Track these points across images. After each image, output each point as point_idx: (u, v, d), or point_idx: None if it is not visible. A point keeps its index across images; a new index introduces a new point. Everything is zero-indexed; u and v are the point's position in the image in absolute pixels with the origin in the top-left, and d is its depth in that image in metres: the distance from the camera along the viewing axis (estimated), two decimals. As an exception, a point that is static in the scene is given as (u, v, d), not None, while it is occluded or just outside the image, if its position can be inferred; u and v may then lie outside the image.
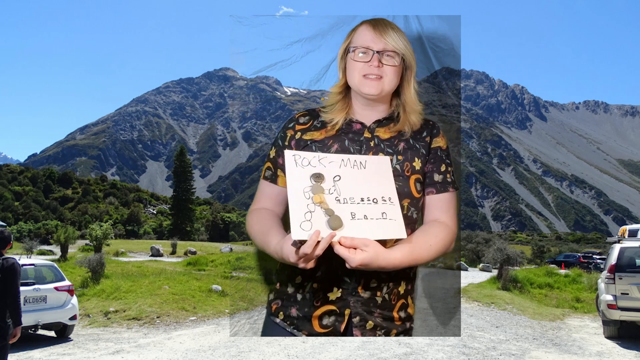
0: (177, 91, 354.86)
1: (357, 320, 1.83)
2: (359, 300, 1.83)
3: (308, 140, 1.91)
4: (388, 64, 1.85)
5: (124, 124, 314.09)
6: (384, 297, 1.86)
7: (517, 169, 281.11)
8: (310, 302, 1.85)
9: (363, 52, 1.85)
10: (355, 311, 1.83)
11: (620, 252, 8.68)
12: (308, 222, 1.62)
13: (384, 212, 1.70)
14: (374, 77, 1.84)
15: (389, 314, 1.87)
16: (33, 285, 7.45)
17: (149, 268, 15.47)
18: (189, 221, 63.87)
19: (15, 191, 75.21)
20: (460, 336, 8.26)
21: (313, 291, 1.85)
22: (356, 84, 1.87)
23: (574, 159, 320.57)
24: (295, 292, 1.88)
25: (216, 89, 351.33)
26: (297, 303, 1.88)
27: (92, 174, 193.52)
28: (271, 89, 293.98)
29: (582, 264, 29.08)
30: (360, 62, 1.85)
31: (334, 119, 1.92)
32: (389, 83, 1.86)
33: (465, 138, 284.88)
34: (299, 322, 1.86)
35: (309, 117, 1.98)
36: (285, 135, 1.96)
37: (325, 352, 6.84)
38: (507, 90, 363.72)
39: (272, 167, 1.98)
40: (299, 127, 1.95)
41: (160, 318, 9.47)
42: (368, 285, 1.83)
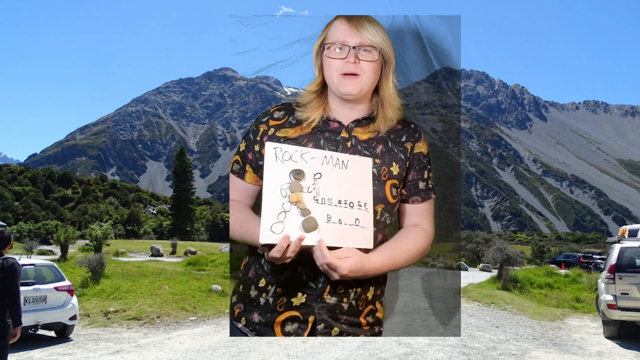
0: (177, 91, 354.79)
1: (321, 327, 1.76)
2: (324, 306, 1.76)
3: (281, 138, 1.82)
4: (365, 59, 1.75)
5: (124, 124, 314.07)
6: (351, 303, 1.78)
7: (517, 169, 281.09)
8: (273, 307, 1.77)
9: (339, 48, 1.76)
10: (320, 318, 1.76)
11: (620, 252, 8.68)
12: (280, 224, 1.55)
13: (358, 218, 1.64)
14: (352, 76, 1.75)
15: (356, 319, 1.80)
16: (33, 285, 7.45)
17: (149, 268, 15.47)
18: (189, 221, 63.86)
19: (15, 191, 75.20)
20: (460, 336, 8.26)
21: (276, 296, 1.77)
22: (334, 83, 1.78)
23: (574, 159, 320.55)
24: (258, 296, 1.80)
25: (216, 89, 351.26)
26: (259, 308, 1.80)
27: (92, 174, 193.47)
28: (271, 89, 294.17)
29: (582, 264, 29.08)
30: (337, 59, 1.76)
31: (309, 117, 1.83)
32: (368, 80, 1.77)
33: (465, 138, 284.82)
34: (260, 328, 1.79)
35: (284, 112, 1.88)
36: (258, 130, 1.87)
37: (325, 352, 6.84)
38: (507, 90, 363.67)
39: (240, 162, 1.92)
40: (273, 123, 1.86)
41: (160, 318, 9.47)
42: (335, 291, 1.76)
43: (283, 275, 1.76)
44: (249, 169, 1.91)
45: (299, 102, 1.89)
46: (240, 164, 1.92)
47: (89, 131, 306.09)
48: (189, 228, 62.40)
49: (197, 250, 30.71)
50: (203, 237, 58.67)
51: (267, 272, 1.79)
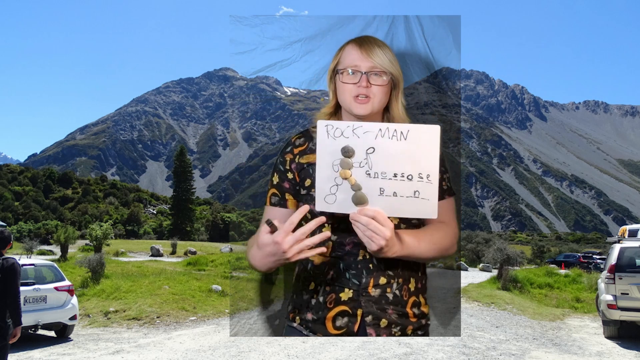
0: (177, 91, 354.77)
1: (369, 319, 1.85)
2: (369, 299, 1.85)
3: (305, 164, 1.92)
4: (376, 83, 1.86)
5: (124, 124, 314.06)
6: (395, 293, 1.88)
7: (517, 169, 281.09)
8: (324, 304, 1.88)
9: (351, 73, 1.87)
10: (367, 310, 1.85)
11: (620, 252, 8.68)
12: (332, 196, 1.60)
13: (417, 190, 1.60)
14: (364, 98, 1.85)
15: (403, 309, 1.89)
16: (33, 285, 7.45)
17: (149, 268, 15.47)
18: (189, 221, 63.87)
19: (15, 191, 75.22)
20: (460, 336, 8.26)
21: (326, 294, 1.88)
22: (347, 105, 1.89)
23: (574, 159, 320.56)
24: (310, 298, 1.92)
25: (216, 89, 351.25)
26: (311, 308, 1.91)
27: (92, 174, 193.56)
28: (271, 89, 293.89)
29: (582, 264, 29.08)
30: (349, 84, 1.86)
31: None
32: (379, 102, 1.87)
33: (465, 138, 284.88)
34: (313, 325, 1.90)
35: (304, 139, 1.98)
36: (285, 160, 1.97)
37: (325, 352, 6.84)
38: (507, 90, 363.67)
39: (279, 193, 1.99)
40: (296, 151, 1.97)
41: (160, 318, 9.47)
42: (377, 284, 1.86)
43: (329, 275, 1.88)
44: (289, 197, 1.99)
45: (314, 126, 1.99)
46: (279, 195, 2.00)
47: (89, 131, 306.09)
48: (189, 228, 62.42)
49: (197, 250, 30.71)
50: (203, 237, 58.69)
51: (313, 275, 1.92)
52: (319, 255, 1.87)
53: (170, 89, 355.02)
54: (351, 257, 1.86)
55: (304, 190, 1.92)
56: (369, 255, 1.86)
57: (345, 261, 1.86)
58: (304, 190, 1.92)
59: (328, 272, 1.88)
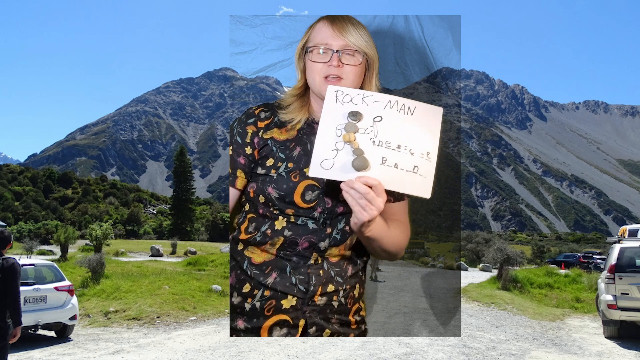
0: (177, 91, 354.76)
1: (313, 331, 1.73)
2: (314, 309, 1.73)
3: (268, 140, 1.78)
4: (349, 63, 1.72)
5: (124, 124, 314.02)
6: (340, 300, 1.78)
7: (517, 169, 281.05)
8: (260, 311, 1.71)
9: (322, 51, 1.73)
10: (312, 321, 1.73)
11: (620, 252, 8.68)
12: (330, 161, 1.55)
13: (417, 166, 1.60)
14: (335, 79, 1.72)
15: (345, 318, 1.80)
16: (33, 285, 7.45)
17: (149, 268, 15.47)
18: (189, 221, 63.85)
19: (15, 191, 75.19)
20: (460, 336, 8.26)
21: (264, 300, 1.71)
22: (317, 86, 1.75)
23: (574, 159, 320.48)
24: (242, 302, 1.74)
25: (216, 89, 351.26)
26: (244, 314, 1.73)
27: (92, 174, 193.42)
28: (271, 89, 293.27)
29: (582, 264, 29.08)
30: (320, 63, 1.73)
31: (293, 118, 1.80)
32: (351, 84, 1.73)
33: (465, 138, 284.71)
34: (245, 334, 1.72)
35: (269, 112, 1.83)
36: (246, 132, 1.81)
37: (325, 352, 6.84)
38: (507, 90, 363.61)
39: (232, 169, 1.84)
40: (261, 124, 1.81)
41: (160, 318, 9.47)
42: (325, 292, 1.74)
43: (270, 278, 1.72)
44: (240, 175, 1.82)
45: (280, 104, 1.86)
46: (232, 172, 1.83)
47: (89, 131, 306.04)
48: (189, 228, 62.40)
49: (197, 250, 30.71)
50: (203, 237, 58.67)
51: (251, 276, 1.73)
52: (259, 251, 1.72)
53: (170, 89, 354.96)
54: (302, 259, 1.71)
55: (262, 169, 1.77)
56: (321, 259, 1.74)
57: (294, 264, 1.71)
58: (263, 170, 1.76)
59: (270, 274, 1.71)
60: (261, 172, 1.76)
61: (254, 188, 1.77)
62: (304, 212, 1.71)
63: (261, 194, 1.74)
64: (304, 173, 1.73)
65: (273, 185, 1.72)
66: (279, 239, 1.71)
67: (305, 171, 1.73)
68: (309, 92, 1.85)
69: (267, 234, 1.73)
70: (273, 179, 1.73)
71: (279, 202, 1.70)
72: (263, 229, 1.74)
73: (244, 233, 1.78)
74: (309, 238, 1.72)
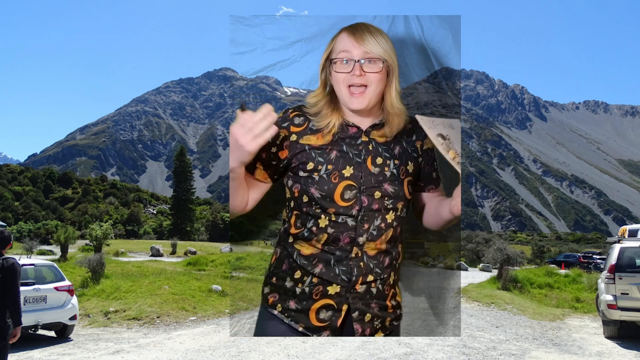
0: (177, 91, 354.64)
1: (356, 315, 1.92)
2: (356, 295, 1.91)
3: (305, 145, 1.92)
4: (371, 71, 1.85)
5: (124, 124, 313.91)
6: (378, 287, 1.96)
7: (517, 169, 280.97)
8: (309, 295, 1.91)
9: (345, 62, 1.86)
10: (354, 307, 1.92)
11: (620, 252, 8.67)
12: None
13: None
14: (359, 90, 1.85)
15: (383, 303, 1.99)
16: (33, 285, 7.45)
17: (149, 268, 15.47)
18: (189, 221, 63.83)
19: (15, 191, 75.17)
20: (460, 336, 8.26)
21: (312, 285, 1.91)
22: (343, 98, 1.89)
23: (574, 159, 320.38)
24: (294, 286, 1.93)
25: (216, 89, 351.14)
26: (295, 296, 1.93)
27: (92, 174, 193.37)
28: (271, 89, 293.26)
29: (582, 264, 29.07)
30: (343, 73, 1.86)
31: (330, 122, 1.93)
32: (375, 90, 1.87)
33: (465, 138, 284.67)
34: (296, 315, 1.92)
35: (303, 118, 1.96)
36: (278, 135, 1.92)
37: (325, 352, 6.84)
38: (507, 90, 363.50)
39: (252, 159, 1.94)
40: (294, 129, 1.94)
41: (160, 318, 9.47)
42: (365, 281, 1.92)
43: (317, 268, 1.91)
44: (260, 166, 1.98)
45: (309, 111, 1.98)
46: (251, 162, 1.95)
47: (89, 131, 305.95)
48: (189, 228, 62.38)
49: (197, 250, 30.70)
50: (203, 237, 58.66)
51: (301, 265, 1.93)
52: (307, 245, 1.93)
53: (170, 89, 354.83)
54: (344, 253, 1.89)
55: (304, 172, 1.92)
56: (361, 253, 1.91)
57: (337, 257, 1.89)
58: (305, 173, 1.91)
59: (317, 265, 1.90)
60: (303, 175, 1.92)
61: (298, 188, 1.93)
62: (344, 210, 1.88)
63: (305, 194, 1.91)
64: (342, 174, 1.89)
65: (315, 186, 1.88)
66: (323, 235, 1.89)
67: (344, 172, 1.89)
68: (336, 97, 1.96)
69: (313, 231, 1.90)
70: (315, 180, 1.89)
71: (321, 201, 1.87)
72: (309, 226, 1.91)
73: (294, 227, 1.95)
74: (349, 234, 1.89)
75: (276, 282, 1.98)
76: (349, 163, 1.90)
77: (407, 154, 2.01)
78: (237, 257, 13.07)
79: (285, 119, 1.96)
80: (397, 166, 1.95)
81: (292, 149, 1.93)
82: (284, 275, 1.96)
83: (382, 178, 1.92)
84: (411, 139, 2.03)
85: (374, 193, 1.88)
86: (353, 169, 1.89)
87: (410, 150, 2.02)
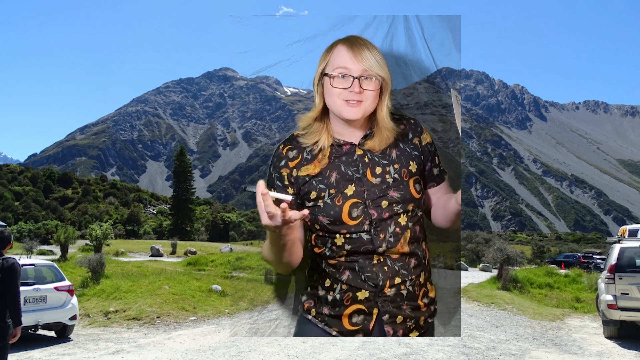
0: (177, 91, 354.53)
1: (387, 318, 1.94)
2: (386, 299, 1.93)
3: (306, 177, 1.94)
4: (368, 88, 1.85)
5: (124, 124, 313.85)
6: (408, 289, 1.97)
7: (517, 169, 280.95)
8: (340, 301, 1.95)
9: (342, 77, 1.85)
10: (384, 310, 1.94)
11: (620, 252, 8.67)
12: None
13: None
14: (355, 103, 1.85)
15: (415, 303, 1.99)
16: (33, 285, 7.45)
17: (149, 268, 15.47)
18: (189, 221, 63.82)
19: (15, 191, 75.16)
20: (460, 336, 8.26)
21: (343, 292, 1.95)
22: (337, 108, 1.88)
23: (574, 159, 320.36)
24: (326, 294, 1.98)
25: (216, 89, 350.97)
26: (328, 303, 1.97)
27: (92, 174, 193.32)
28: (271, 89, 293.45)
29: (582, 264, 29.06)
30: (340, 89, 1.85)
31: (318, 141, 1.94)
32: (370, 106, 1.88)
33: (465, 138, 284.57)
34: (330, 320, 1.97)
35: (296, 150, 1.97)
36: (282, 176, 1.95)
37: (325, 352, 6.84)
38: (507, 90, 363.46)
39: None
40: (292, 164, 1.96)
41: (160, 318, 9.47)
42: (393, 284, 1.94)
43: (345, 275, 1.95)
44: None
45: (298, 133, 2.00)
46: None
47: (89, 131, 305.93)
48: (189, 228, 62.39)
49: (197, 250, 30.71)
50: (203, 237, 58.69)
51: (330, 273, 1.98)
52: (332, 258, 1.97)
53: (170, 89, 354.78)
54: (367, 260, 1.92)
55: (309, 202, 1.94)
56: (382, 258, 1.92)
57: (360, 264, 1.92)
58: (310, 202, 1.94)
59: (344, 272, 1.94)
60: (309, 204, 1.94)
61: (308, 218, 1.94)
62: (355, 227, 1.90)
63: (315, 222, 1.95)
64: (345, 194, 1.90)
65: (322, 214, 1.91)
66: (343, 252, 1.93)
67: (346, 192, 1.90)
68: (327, 115, 1.97)
69: (334, 250, 1.95)
70: (320, 208, 1.91)
71: (331, 226, 1.90)
72: (328, 245, 1.95)
73: (317, 247, 2.00)
74: (367, 247, 1.91)
75: (310, 291, 2.04)
76: (350, 182, 1.90)
77: (407, 154, 2.00)
78: (237, 257, 13.08)
79: (280, 158, 1.98)
80: (398, 170, 1.95)
81: (297, 184, 1.95)
82: (316, 284, 2.01)
83: (385, 186, 1.92)
84: (408, 137, 2.03)
85: (381, 203, 1.89)
86: (355, 186, 1.90)
87: (409, 149, 2.01)
